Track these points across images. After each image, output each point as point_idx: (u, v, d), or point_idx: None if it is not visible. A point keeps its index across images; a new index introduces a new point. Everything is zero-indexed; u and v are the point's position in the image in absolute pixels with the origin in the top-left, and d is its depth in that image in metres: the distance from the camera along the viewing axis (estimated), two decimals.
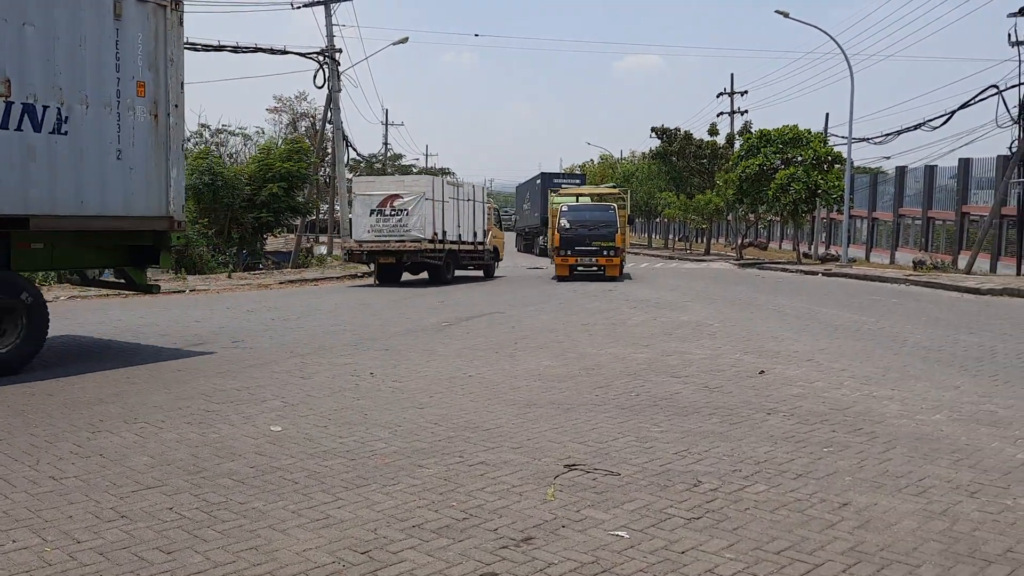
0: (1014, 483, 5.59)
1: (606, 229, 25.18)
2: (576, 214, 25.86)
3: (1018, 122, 28.79)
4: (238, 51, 29.39)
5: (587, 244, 24.99)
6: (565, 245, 25.09)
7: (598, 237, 25.01)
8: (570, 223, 25.30)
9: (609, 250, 25.00)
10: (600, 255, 25.09)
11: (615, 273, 25.41)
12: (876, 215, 48.21)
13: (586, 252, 25.09)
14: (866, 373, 9.46)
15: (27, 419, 7.27)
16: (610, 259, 25.10)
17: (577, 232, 25.08)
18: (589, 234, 25.04)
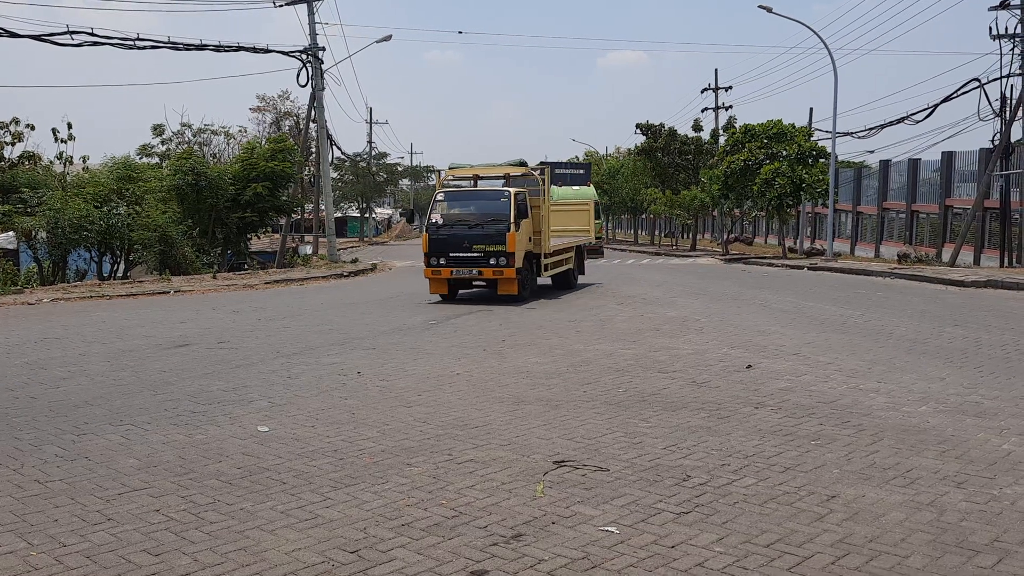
0: (1000, 473, 5.63)
1: (493, 226, 16.90)
2: (454, 205, 17.98)
3: (1000, 115, 29.00)
4: (220, 50, 29.23)
5: (466, 248, 17.07)
6: (435, 250, 17.31)
7: (481, 238, 16.95)
8: (443, 218, 17.44)
9: (498, 256, 16.80)
10: (484, 264, 16.97)
11: (511, 290, 17.11)
12: (860, 209, 48.45)
13: (464, 260, 17.15)
14: (852, 366, 9.50)
15: (11, 423, 7.20)
16: (500, 269, 16.87)
17: (452, 232, 17.19)
18: (469, 234, 17.05)
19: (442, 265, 17.26)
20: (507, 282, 17.12)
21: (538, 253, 18.29)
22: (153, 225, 25.68)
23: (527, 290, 17.51)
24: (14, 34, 23.75)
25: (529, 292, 17.67)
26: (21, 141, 28.81)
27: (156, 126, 37.16)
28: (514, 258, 16.79)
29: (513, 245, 16.74)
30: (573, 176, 43.22)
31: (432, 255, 17.37)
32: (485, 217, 17.14)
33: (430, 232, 17.38)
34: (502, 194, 17.37)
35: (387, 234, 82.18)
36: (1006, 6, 27.74)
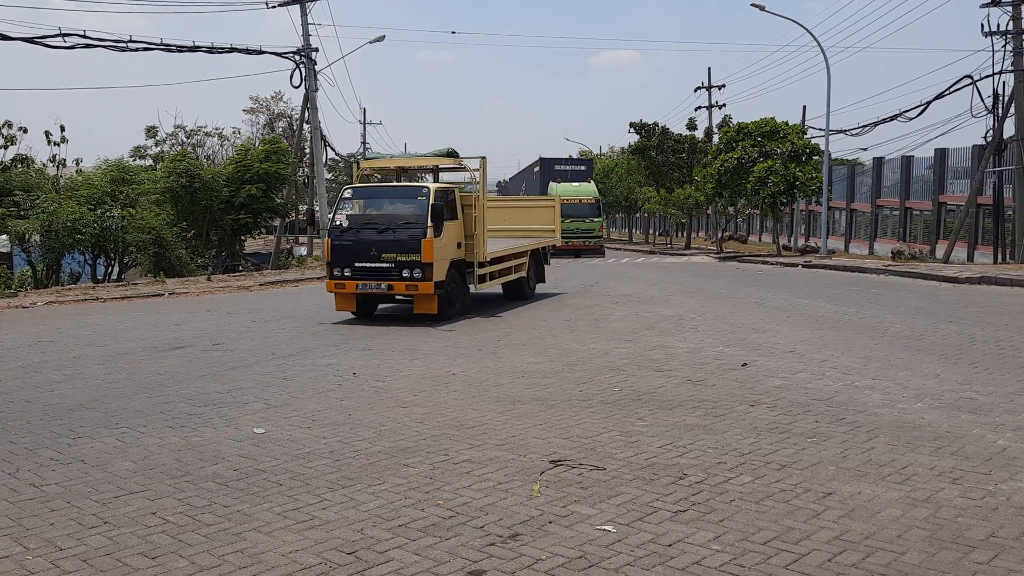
0: (995, 469, 5.64)
1: (407, 230, 13.72)
2: (363, 204, 14.75)
3: (992, 112, 29.06)
4: (213, 51, 29.14)
5: (373, 257, 13.83)
6: (338, 259, 14.14)
7: (392, 245, 13.76)
8: (349, 220, 14.32)
9: (411, 268, 13.62)
10: (395, 276, 13.74)
11: (429, 308, 14.00)
12: (854, 206, 48.52)
13: (372, 272, 13.90)
14: (848, 363, 9.52)
15: (6, 426, 7.19)
16: (415, 283, 13.67)
17: (359, 237, 14.06)
18: (377, 240, 13.85)
19: (346, 277, 14.05)
20: (424, 299, 13.88)
21: (472, 261, 14.99)
22: (147, 227, 25.61)
23: (455, 306, 14.44)
24: (6, 36, 23.67)
25: (459, 308, 14.60)
26: (14, 144, 28.70)
27: (149, 128, 37.02)
28: (431, 270, 13.55)
29: (430, 254, 13.52)
30: (574, 173, 41.57)
31: (335, 265, 14.14)
32: (397, 220, 13.94)
33: (332, 237, 14.26)
34: (419, 191, 14.16)
35: None
36: (998, 3, 27.78)
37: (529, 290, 17.93)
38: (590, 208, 38.57)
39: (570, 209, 36.47)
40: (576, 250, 37.18)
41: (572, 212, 36.75)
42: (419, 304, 14.04)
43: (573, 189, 38.75)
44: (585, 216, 37.99)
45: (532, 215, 20.26)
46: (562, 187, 38.57)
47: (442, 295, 14.04)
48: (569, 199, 37.03)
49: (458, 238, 14.68)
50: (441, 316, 14.09)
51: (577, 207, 37.54)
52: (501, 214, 19.43)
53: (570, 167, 42.85)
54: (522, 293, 17.61)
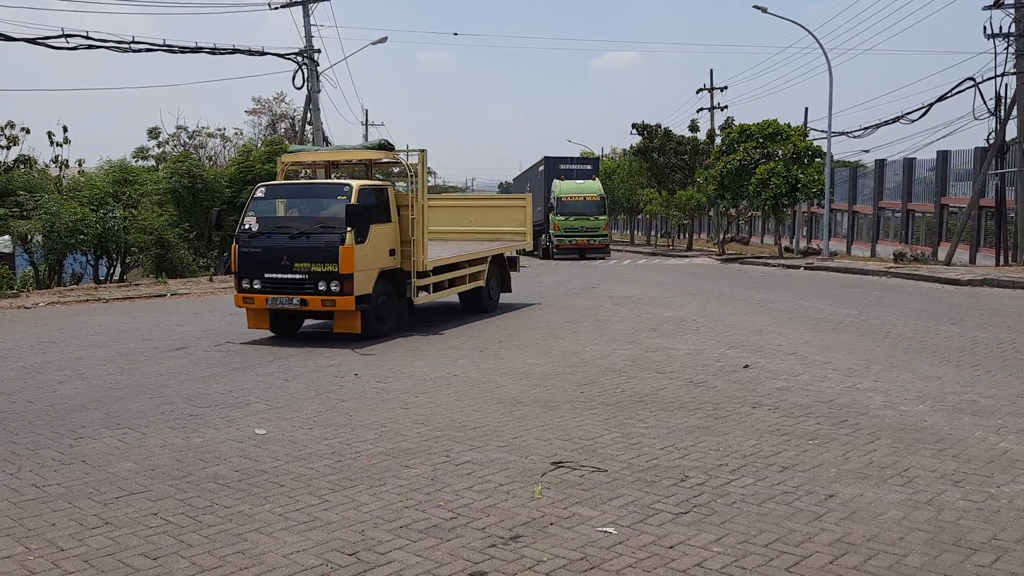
0: (997, 471, 5.64)
1: (323, 235, 11.73)
2: (276, 205, 12.66)
3: (995, 114, 29.03)
4: (216, 53, 29.16)
5: (285, 267, 11.78)
6: (247, 269, 12.08)
7: (305, 253, 11.73)
8: (260, 223, 12.22)
9: (328, 280, 11.57)
10: (309, 289, 11.67)
11: (351, 327, 11.91)
12: (856, 208, 48.48)
13: (284, 284, 11.82)
14: (849, 365, 9.51)
15: (8, 427, 7.19)
16: (331, 298, 11.61)
17: (270, 243, 12.00)
18: (290, 247, 11.82)
19: (255, 290, 11.94)
20: (344, 316, 11.84)
21: (409, 270, 12.84)
22: (149, 228, 25.63)
23: (386, 323, 12.39)
24: (9, 37, 23.69)
25: (392, 325, 12.57)
26: (16, 145, 28.75)
27: (152, 129, 37.05)
28: (351, 282, 11.49)
29: (350, 263, 11.45)
30: (580, 172, 40.05)
31: (243, 275, 12.05)
32: (313, 223, 11.96)
33: (240, 243, 12.14)
34: (339, 190, 12.04)
35: None
36: (1000, 5, 27.75)
37: (490, 301, 15.62)
38: (595, 206, 37.13)
39: (574, 207, 36.12)
40: (580, 249, 36.48)
41: (576, 210, 36.18)
42: (339, 322, 11.97)
43: (577, 186, 37.72)
44: (590, 214, 36.81)
45: (499, 216, 17.83)
46: (565, 184, 37.68)
47: (368, 311, 11.88)
48: (573, 196, 36.42)
49: (391, 244, 12.53)
50: (368, 335, 11.97)
51: (581, 205, 36.66)
52: (462, 215, 17.78)
53: (576, 166, 41.17)
54: (480, 304, 15.35)
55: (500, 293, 16.30)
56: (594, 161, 46.16)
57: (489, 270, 15.52)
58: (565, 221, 36.22)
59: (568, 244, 36.41)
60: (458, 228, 17.26)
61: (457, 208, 18.41)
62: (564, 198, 36.71)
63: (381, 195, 12.62)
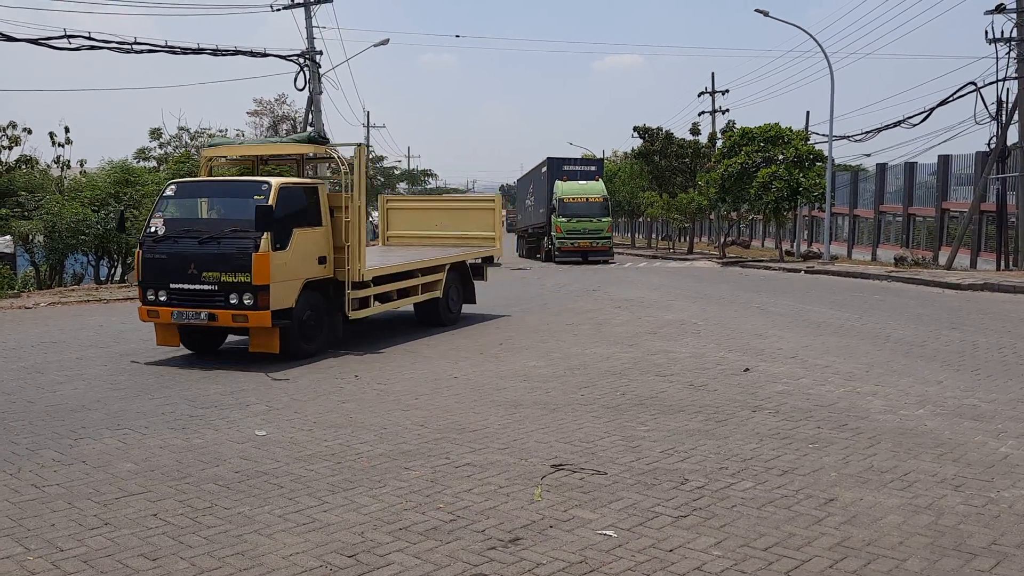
0: (997, 476, 5.63)
1: (234, 241, 10.17)
2: (187, 205, 11.17)
3: (996, 118, 29.02)
4: (218, 54, 29.17)
5: (192, 277, 10.25)
6: (151, 278, 10.54)
7: (214, 261, 10.19)
8: (167, 226, 10.65)
9: (240, 292, 10.04)
10: (218, 302, 10.14)
11: (268, 346, 10.35)
12: (857, 212, 48.46)
13: (190, 296, 10.27)
14: (850, 369, 9.51)
15: (8, 427, 7.19)
16: (243, 313, 10.04)
17: (176, 248, 10.45)
18: (198, 253, 10.27)
19: (161, 302, 10.36)
20: (261, 334, 10.26)
21: (344, 280, 11.30)
22: None
23: (314, 342, 10.82)
24: (11, 38, 23.71)
25: (322, 343, 10.99)
26: (18, 145, 28.75)
27: (154, 130, 37.00)
28: (267, 294, 9.94)
29: (265, 273, 9.92)
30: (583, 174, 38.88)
31: (148, 285, 10.52)
32: (225, 226, 10.40)
33: (145, 249, 10.61)
34: (256, 188, 10.43)
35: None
36: (1002, 10, 27.76)
37: (449, 313, 14.09)
38: (598, 207, 35.64)
39: (576, 208, 35.04)
40: (583, 252, 35.06)
41: (578, 211, 35.00)
42: (255, 340, 10.39)
43: (580, 187, 36.21)
44: (592, 216, 35.33)
45: (466, 219, 16.01)
46: (568, 185, 36.46)
47: (290, 328, 10.34)
48: (575, 198, 35.31)
49: (321, 251, 10.96)
50: (291, 355, 10.43)
51: (584, 206, 35.33)
52: (427, 218, 16.31)
53: (579, 167, 39.80)
54: (436, 317, 13.77)
55: (462, 305, 14.68)
56: (598, 162, 44.80)
57: (448, 279, 13.89)
58: (567, 223, 34.99)
59: (570, 247, 35.20)
60: (422, 232, 16.03)
61: (422, 211, 17.02)
62: (566, 199, 35.51)
63: (309, 195, 11.02)
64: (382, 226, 16.78)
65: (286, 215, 10.36)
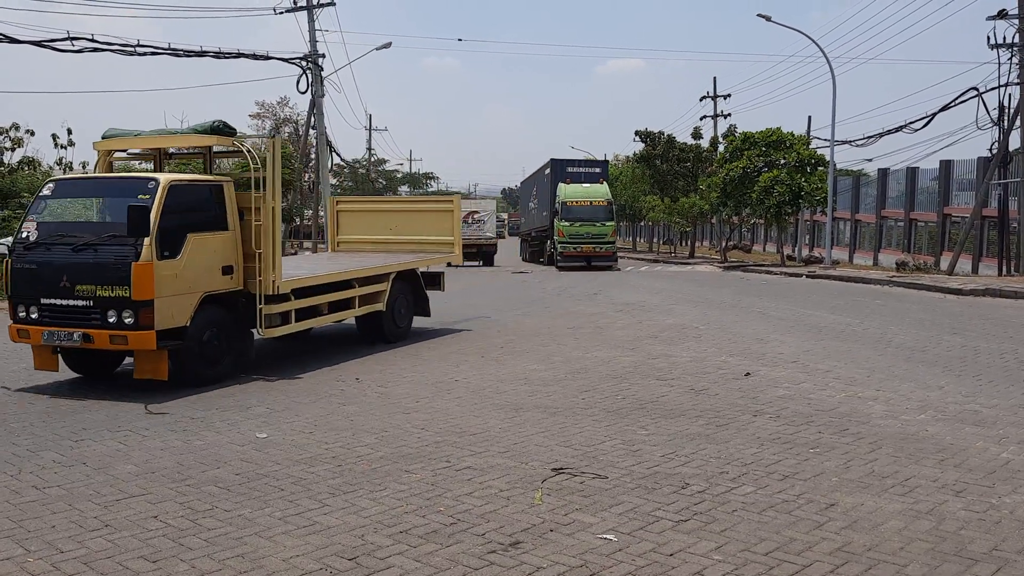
0: (999, 482, 5.62)
1: (111, 248, 8.63)
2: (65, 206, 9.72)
3: (998, 124, 29.02)
4: (220, 57, 29.24)
5: (65, 291, 8.71)
6: (22, 291, 9.09)
7: (89, 271, 8.67)
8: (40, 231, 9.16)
9: (120, 308, 8.50)
10: (96, 320, 8.60)
11: (155, 371, 8.76)
12: (859, 217, 48.47)
13: (64, 313, 8.77)
14: (851, 374, 9.50)
15: (8, 428, 7.20)
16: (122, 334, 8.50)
17: (48, 257, 8.95)
18: (72, 262, 8.73)
19: (32, 320, 8.93)
20: (145, 357, 8.75)
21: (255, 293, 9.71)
22: None
23: (216, 366, 9.35)
24: (15, 40, 23.78)
25: (228, 366, 9.49)
26: (21, 146, 28.83)
27: None
28: (151, 311, 8.50)
29: (147, 286, 8.47)
30: (588, 175, 37.75)
31: (18, 299, 9.09)
32: (103, 231, 8.97)
33: (15, 257, 9.18)
34: (142, 187, 8.96)
35: None
36: (1004, 16, 27.78)
37: (396, 328, 12.43)
38: (602, 211, 34.37)
39: (580, 212, 33.86)
40: (586, 257, 33.75)
41: (582, 215, 33.72)
42: (140, 365, 8.82)
43: (583, 190, 35.04)
44: (596, 220, 34.04)
45: (423, 223, 14.60)
46: (571, 188, 35.26)
47: (187, 349, 8.92)
48: (579, 201, 34.08)
49: (225, 259, 9.46)
50: (187, 381, 9.01)
51: (587, 210, 34.05)
52: (381, 221, 14.78)
53: (583, 169, 38.48)
54: (380, 332, 12.14)
55: (412, 318, 13.07)
56: (603, 163, 43.02)
57: (394, 290, 12.27)
58: (570, 227, 33.71)
59: (573, 251, 33.74)
60: (375, 237, 14.57)
61: (375, 213, 15.36)
62: (569, 202, 34.18)
63: (210, 194, 9.55)
64: (331, 230, 15.48)
65: (178, 217, 8.91)
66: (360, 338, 12.33)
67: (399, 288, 12.56)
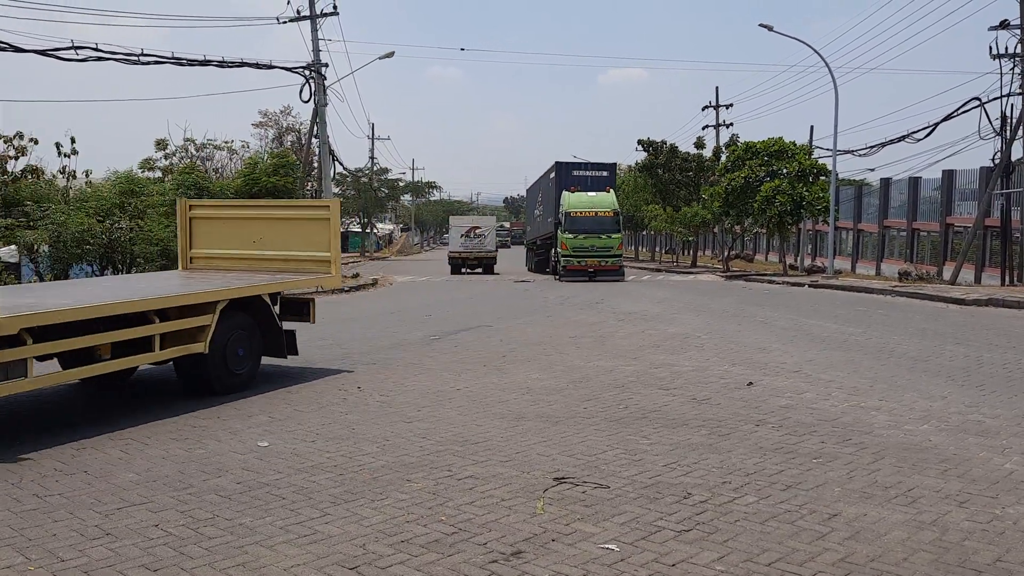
0: (1002, 492, 5.60)
1: None
2: None
3: (1000, 134, 29.05)
4: (224, 66, 29.31)
5: None
6: None
7: None
8: None
9: None
10: None
11: None
12: (861, 227, 48.47)
13: None
14: (854, 384, 9.48)
15: (10, 436, 7.18)
16: None
17: None
18: None
19: None
20: None
21: None
22: (155, 239, 25.68)
23: None
24: (19, 49, 23.85)
25: None
26: (24, 155, 28.81)
27: (159, 141, 37.15)
28: None
29: None
30: (594, 179, 35.51)
31: None
32: None
33: None
34: None
35: (388, 249, 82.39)
36: (1006, 26, 27.85)
37: (230, 376, 9.19)
38: (609, 222, 32.28)
39: (584, 223, 31.88)
40: (591, 271, 31.72)
41: (587, 227, 31.81)
42: None
43: (588, 200, 32.81)
44: (602, 232, 32.00)
45: (290, 234, 11.24)
46: (575, 197, 32.94)
47: None
48: (583, 212, 32.17)
49: None
50: None
51: (592, 221, 32.05)
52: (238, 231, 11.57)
53: (590, 172, 36.10)
54: (203, 380, 9.02)
55: (259, 360, 9.83)
56: (610, 167, 39.22)
57: (225, 325, 9.09)
58: (574, 239, 31.79)
59: (577, 266, 31.72)
60: (237, 252, 11.48)
61: (236, 221, 11.90)
62: (573, 213, 32.27)
63: None
64: (182, 242, 11.96)
65: None
66: (182, 388, 9.20)
67: (237, 322, 9.33)
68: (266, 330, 9.98)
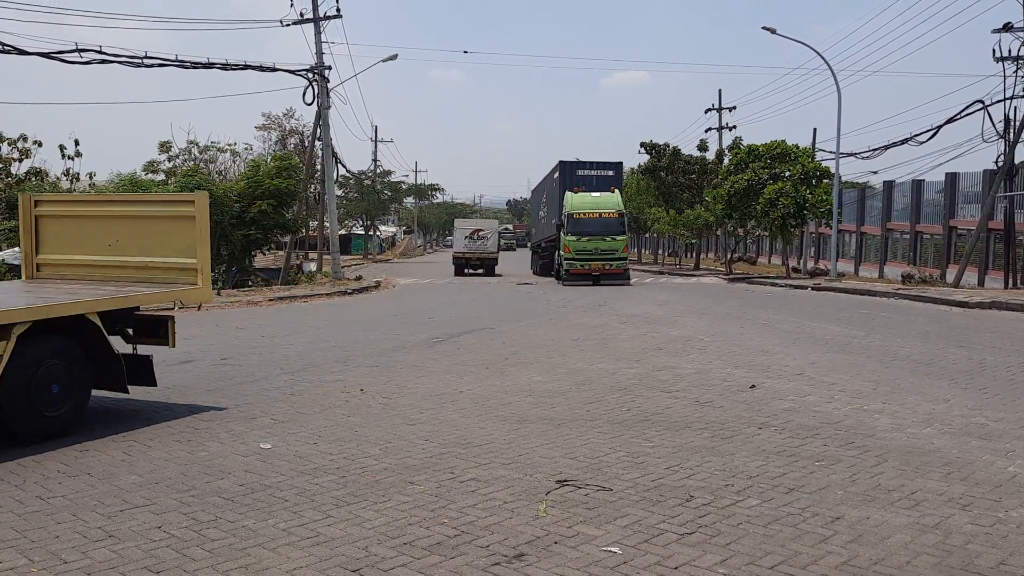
0: (1005, 496, 5.59)
1: None
2: None
3: (1003, 136, 29.01)
4: (227, 68, 29.36)
5: None
6: None
7: None
8: None
9: None
10: None
11: None
12: (864, 229, 48.44)
13: None
14: (857, 387, 9.47)
15: (13, 439, 7.18)
16: None
17: None
18: None
19: None
20: None
21: None
22: None
23: None
24: (23, 51, 23.91)
25: None
26: (28, 157, 28.97)
27: (163, 143, 37.26)
28: None
29: None
30: (600, 179, 34.39)
31: None
32: None
33: None
34: None
35: (391, 251, 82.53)
36: (1009, 28, 27.83)
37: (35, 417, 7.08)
38: (614, 224, 31.27)
39: (588, 225, 30.95)
40: (595, 275, 30.94)
41: (590, 228, 30.91)
42: None
43: (592, 200, 31.75)
44: (606, 234, 31.03)
45: (148, 234, 9.15)
46: (578, 198, 31.95)
47: None
48: (586, 213, 31.18)
49: None
50: None
51: (596, 223, 31.03)
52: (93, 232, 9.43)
53: (595, 172, 35.00)
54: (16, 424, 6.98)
55: (86, 396, 7.77)
56: (616, 166, 37.57)
57: (30, 353, 7.12)
58: (577, 242, 30.86)
59: (580, 269, 30.87)
60: (91, 257, 9.45)
61: (90, 220, 9.67)
62: (576, 214, 31.26)
63: None
64: (26, 247, 9.83)
65: None
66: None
67: (47, 349, 7.35)
68: (101, 356, 7.91)
